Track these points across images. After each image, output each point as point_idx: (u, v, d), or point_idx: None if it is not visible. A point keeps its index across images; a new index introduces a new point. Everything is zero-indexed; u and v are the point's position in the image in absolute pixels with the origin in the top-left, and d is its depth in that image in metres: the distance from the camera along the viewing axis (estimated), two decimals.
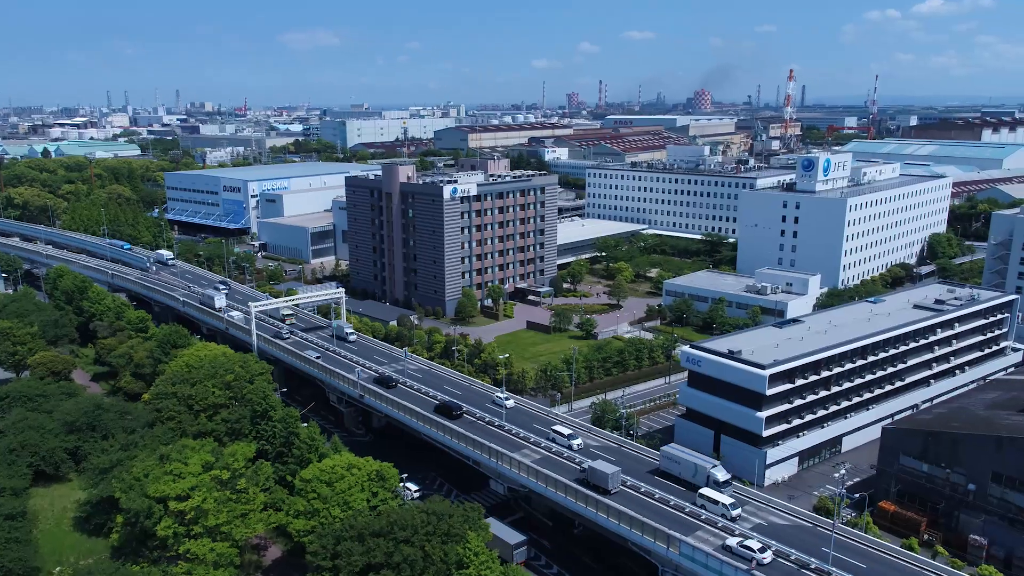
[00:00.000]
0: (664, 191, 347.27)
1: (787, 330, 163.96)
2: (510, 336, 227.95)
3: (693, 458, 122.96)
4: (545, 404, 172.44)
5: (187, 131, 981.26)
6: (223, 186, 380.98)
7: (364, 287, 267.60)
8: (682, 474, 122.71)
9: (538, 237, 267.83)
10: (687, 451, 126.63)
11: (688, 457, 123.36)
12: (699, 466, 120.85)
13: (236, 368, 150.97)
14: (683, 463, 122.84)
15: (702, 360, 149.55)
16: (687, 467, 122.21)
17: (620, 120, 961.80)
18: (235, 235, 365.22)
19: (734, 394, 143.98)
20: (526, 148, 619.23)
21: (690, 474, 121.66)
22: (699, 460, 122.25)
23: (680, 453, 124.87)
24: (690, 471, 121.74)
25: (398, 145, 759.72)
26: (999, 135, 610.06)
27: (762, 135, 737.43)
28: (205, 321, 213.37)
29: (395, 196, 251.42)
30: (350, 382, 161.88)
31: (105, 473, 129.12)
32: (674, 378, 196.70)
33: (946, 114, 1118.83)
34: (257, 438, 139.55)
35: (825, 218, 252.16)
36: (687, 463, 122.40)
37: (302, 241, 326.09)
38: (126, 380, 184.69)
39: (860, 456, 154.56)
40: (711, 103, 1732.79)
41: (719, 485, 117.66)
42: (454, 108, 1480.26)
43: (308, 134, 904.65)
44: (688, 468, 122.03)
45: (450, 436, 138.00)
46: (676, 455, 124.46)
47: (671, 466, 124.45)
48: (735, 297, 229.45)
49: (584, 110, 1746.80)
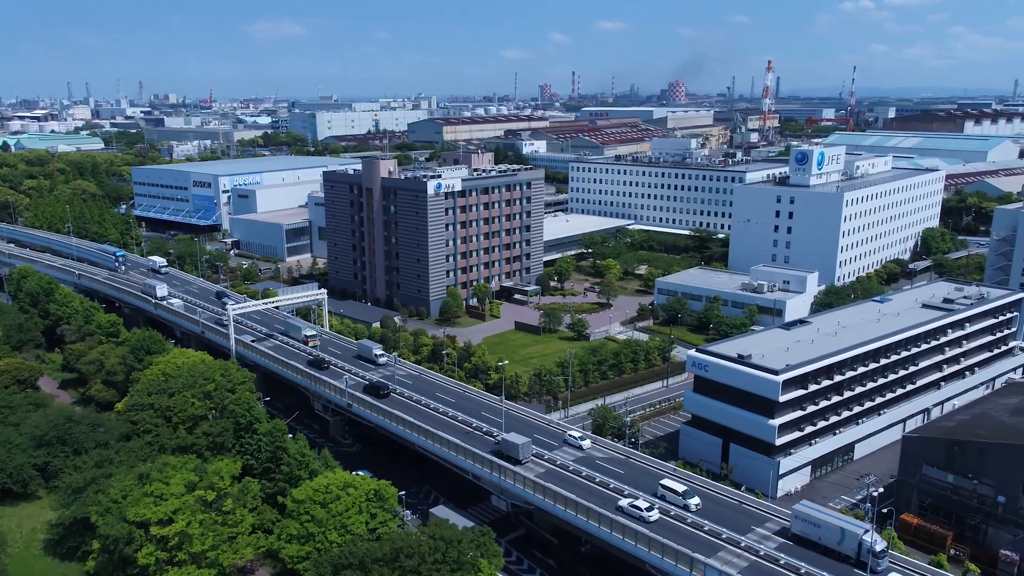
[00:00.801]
0: (650, 185, 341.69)
1: (795, 332, 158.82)
2: (498, 337, 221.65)
3: (838, 521, 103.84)
4: (540, 410, 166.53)
5: (152, 124, 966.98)
6: (193, 181, 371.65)
7: (343, 286, 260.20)
8: (823, 540, 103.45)
9: (524, 234, 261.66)
10: (827, 512, 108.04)
11: (831, 520, 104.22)
12: (847, 531, 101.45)
13: (216, 376, 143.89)
14: (824, 527, 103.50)
15: (709, 365, 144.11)
16: (830, 532, 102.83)
17: (596, 112, 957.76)
18: (206, 232, 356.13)
19: (744, 401, 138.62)
20: (502, 141, 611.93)
21: (834, 540, 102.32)
22: (846, 524, 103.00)
23: (820, 515, 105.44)
24: (834, 537, 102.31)
25: (370, 138, 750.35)
26: (981, 127, 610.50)
27: (741, 127, 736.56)
28: (179, 324, 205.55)
29: (376, 192, 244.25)
30: (337, 390, 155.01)
31: (78, 493, 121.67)
32: (672, 381, 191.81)
33: (921, 106, 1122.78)
34: (241, 452, 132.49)
35: (820, 213, 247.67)
36: (830, 527, 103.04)
37: (277, 238, 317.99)
38: (97, 388, 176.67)
39: (874, 463, 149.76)
40: (685, 95, 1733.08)
41: (875, 556, 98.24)
42: (425, 100, 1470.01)
43: (277, 127, 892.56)
44: (831, 533, 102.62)
45: (453, 451, 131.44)
46: (815, 517, 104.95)
47: (808, 530, 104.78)
48: (731, 295, 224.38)
49: (557, 102, 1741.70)
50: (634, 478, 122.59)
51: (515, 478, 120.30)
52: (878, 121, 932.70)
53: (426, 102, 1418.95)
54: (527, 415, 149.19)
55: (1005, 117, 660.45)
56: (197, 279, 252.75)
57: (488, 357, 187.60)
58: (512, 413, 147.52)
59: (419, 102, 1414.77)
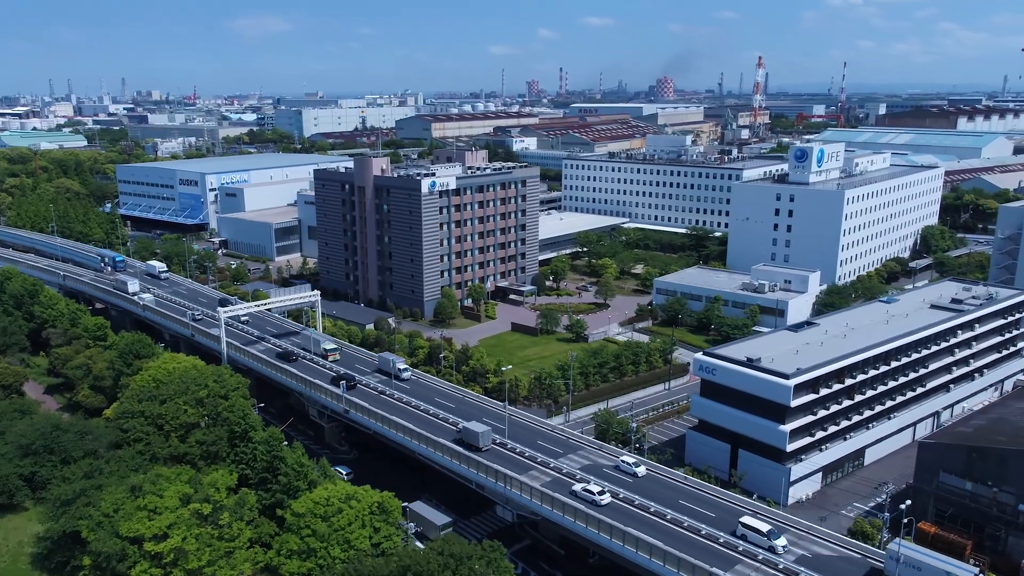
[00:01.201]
0: (645, 183, 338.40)
1: (803, 334, 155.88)
2: (494, 339, 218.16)
3: (943, 564, 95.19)
4: (541, 415, 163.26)
5: (135, 121, 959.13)
6: (179, 179, 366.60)
7: (335, 287, 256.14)
8: None
9: (519, 233, 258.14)
10: (931, 555, 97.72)
11: (935, 563, 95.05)
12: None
13: (209, 383, 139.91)
14: (927, 570, 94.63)
15: (717, 369, 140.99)
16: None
17: (585, 109, 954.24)
18: (193, 231, 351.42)
19: (754, 406, 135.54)
20: (492, 138, 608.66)
21: None
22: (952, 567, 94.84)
23: (923, 557, 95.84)
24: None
25: (358, 135, 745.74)
26: (974, 123, 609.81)
27: (732, 124, 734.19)
28: (168, 327, 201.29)
29: (368, 190, 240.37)
30: (334, 396, 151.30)
31: (68, 505, 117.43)
32: (674, 383, 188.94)
33: (910, 102, 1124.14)
34: (236, 462, 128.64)
35: (821, 211, 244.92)
36: (934, 571, 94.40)
37: (266, 238, 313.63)
38: (84, 394, 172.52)
39: (885, 469, 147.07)
40: (674, 91, 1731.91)
41: None
42: (411, 96, 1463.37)
43: (262, 124, 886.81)
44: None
45: (455, 459, 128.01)
46: (917, 559, 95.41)
47: (909, 574, 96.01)
48: (731, 295, 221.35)
49: (545, 98, 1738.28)
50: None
51: (522, 488, 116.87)
52: (869, 117, 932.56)
53: (413, 98, 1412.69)
54: (533, 422, 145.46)
55: (998, 113, 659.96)
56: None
57: (487, 360, 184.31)
58: (517, 420, 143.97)
59: (405, 98, 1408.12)
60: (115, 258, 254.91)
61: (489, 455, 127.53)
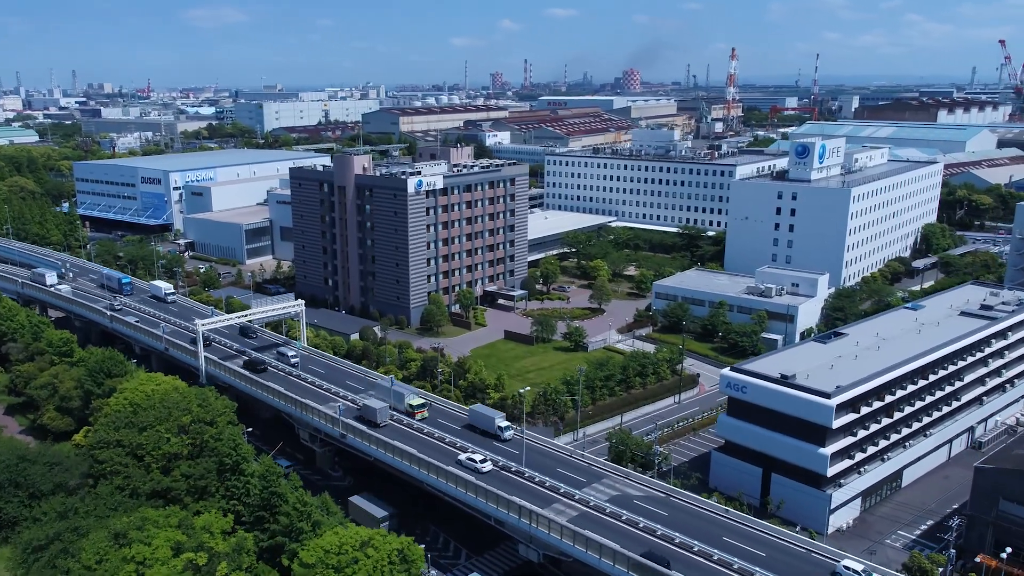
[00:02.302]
0: (633, 180, 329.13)
1: (832, 346, 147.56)
2: (487, 348, 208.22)
3: None
4: (548, 434, 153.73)
5: (88, 115, 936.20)
6: (141, 177, 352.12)
7: (312, 292, 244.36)
8: None
9: (508, 234, 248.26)
10: None
11: None
12: None
13: (193, 407, 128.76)
14: None
15: (748, 386, 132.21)
16: None
17: (554, 102, 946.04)
18: (156, 232, 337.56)
19: (790, 426, 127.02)
20: (463, 132, 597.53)
21: None
22: None
23: None
24: None
25: (322, 129, 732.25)
26: (954, 116, 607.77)
27: (707, 117, 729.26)
28: (138, 340, 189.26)
29: (350, 190, 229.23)
30: (327, 418, 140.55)
31: (41, 551, 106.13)
32: (684, 396, 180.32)
33: (879, 94, 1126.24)
34: (227, 497, 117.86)
35: (826, 210, 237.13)
36: None
37: (236, 239, 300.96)
38: (50, 416, 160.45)
39: (923, 491, 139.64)
40: (640, 83, 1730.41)
41: None
42: (373, 89, 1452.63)
43: (221, 117, 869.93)
44: None
45: (474, 494, 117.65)
46: None
47: None
48: (737, 300, 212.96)
49: (509, 91, 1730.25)
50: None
51: (550, 525, 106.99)
52: (841, 110, 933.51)
53: (374, 91, 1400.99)
54: (551, 447, 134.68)
55: (977, 106, 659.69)
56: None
57: (486, 373, 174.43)
58: (533, 444, 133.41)
59: (367, 91, 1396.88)
60: (120, 280, 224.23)
61: (507, 487, 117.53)
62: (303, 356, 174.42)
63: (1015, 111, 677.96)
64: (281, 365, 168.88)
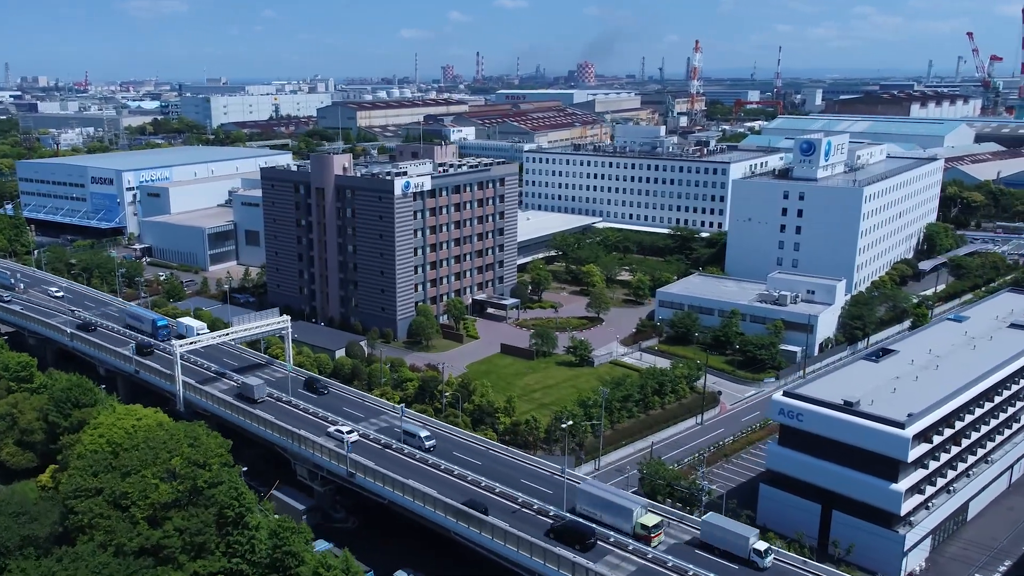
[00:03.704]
0: (619, 178, 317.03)
1: (886, 365, 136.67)
2: (484, 364, 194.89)
3: None
4: (568, 465, 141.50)
5: (24, 109, 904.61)
6: (91, 177, 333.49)
7: (286, 302, 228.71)
8: None
9: (497, 238, 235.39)
10: None
11: None
12: None
13: (184, 447, 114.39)
14: None
15: (805, 414, 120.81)
16: None
17: (513, 95, 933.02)
18: (108, 236, 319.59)
19: (855, 459, 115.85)
20: (424, 127, 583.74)
21: None
22: None
23: None
24: None
25: (274, 124, 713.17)
26: (927, 110, 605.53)
27: (673, 111, 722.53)
28: (103, 360, 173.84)
29: (329, 192, 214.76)
30: (333, 455, 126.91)
31: None
32: (708, 416, 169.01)
33: (836, 87, 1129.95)
34: (230, 555, 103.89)
35: (836, 211, 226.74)
36: None
37: (198, 244, 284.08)
38: (9, 451, 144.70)
39: (990, 525, 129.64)
40: (595, 76, 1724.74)
41: None
42: (322, 83, 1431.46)
43: (167, 112, 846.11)
44: None
45: (506, 543, 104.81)
46: None
47: None
48: (749, 309, 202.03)
49: (462, 84, 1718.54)
50: None
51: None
52: (805, 103, 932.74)
53: (324, 84, 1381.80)
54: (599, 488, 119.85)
55: (948, 99, 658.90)
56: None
57: (493, 395, 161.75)
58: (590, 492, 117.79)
59: (316, 84, 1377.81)
60: (155, 322, 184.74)
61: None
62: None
63: (987, 104, 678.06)
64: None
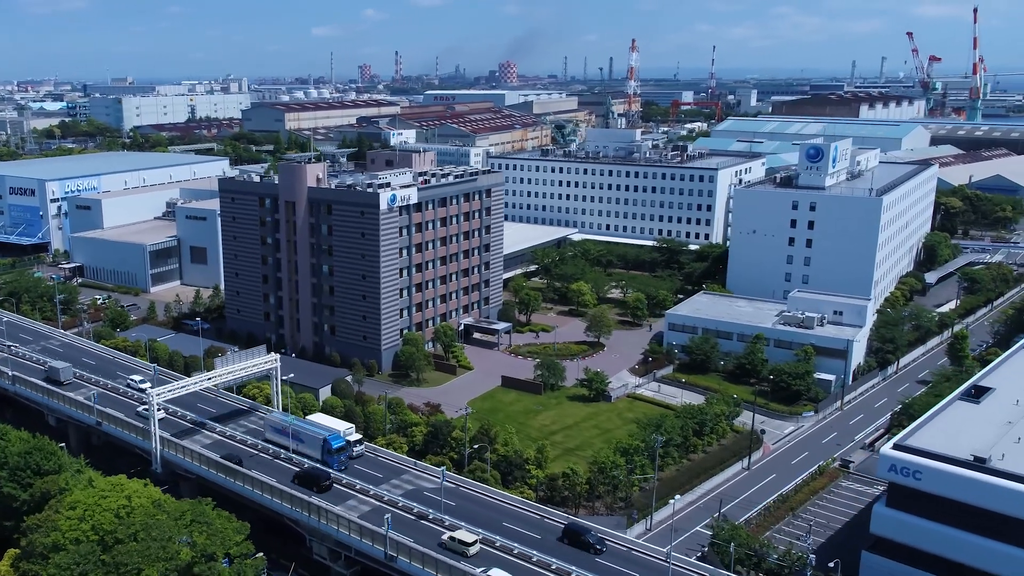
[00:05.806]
0: (595, 186, 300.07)
1: (987, 406, 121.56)
2: (487, 400, 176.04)
3: None
4: (619, 526, 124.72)
5: None
6: (9, 187, 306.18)
7: (249, 330, 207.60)
8: None
9: (483, 255, 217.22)
10: None
11: None
12: None
13: (194, 534, 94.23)
14: None
15: (925, 472, 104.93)
16: None
17: (442, 96, 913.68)
18: (30, 253, 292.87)
19: (988, 525, 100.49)
20: (360, 130, 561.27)
21: None
22: None
23: None
24: None
25: (194, 127, 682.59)
26: (875, 111, 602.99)
27: (612, 112, 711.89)
28: (53, 408, 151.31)
29: (301, 206, 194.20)
30: (365, 532, 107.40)
31: None
32: (753, 460, 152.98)
33: (766, 87, 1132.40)
34: None
35: (851, 222, 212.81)
36: None
37: (137, 263, 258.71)
38: None
39: None
40: (517, 76, 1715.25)
41: None
42: (235, 82, 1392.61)
43: (73, 114, 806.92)
44: None
45: None
46: None
47: None
48: (774, 333, 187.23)
49: (380, 83, 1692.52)
50: None
51: None
52: (740, 104, 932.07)
53: (236, 84, 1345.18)
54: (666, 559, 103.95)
55: (895, 100, 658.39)
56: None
57: (519, 442, 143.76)
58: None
59: (228, 84, 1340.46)
60: (330, 441, 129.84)
61: None
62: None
63: (934, 106, 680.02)
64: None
